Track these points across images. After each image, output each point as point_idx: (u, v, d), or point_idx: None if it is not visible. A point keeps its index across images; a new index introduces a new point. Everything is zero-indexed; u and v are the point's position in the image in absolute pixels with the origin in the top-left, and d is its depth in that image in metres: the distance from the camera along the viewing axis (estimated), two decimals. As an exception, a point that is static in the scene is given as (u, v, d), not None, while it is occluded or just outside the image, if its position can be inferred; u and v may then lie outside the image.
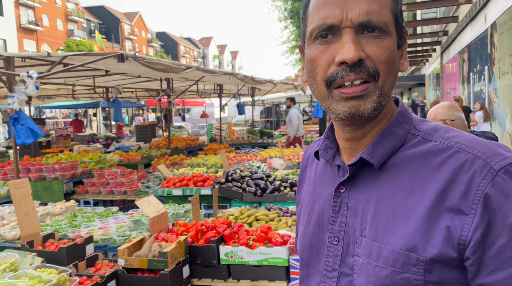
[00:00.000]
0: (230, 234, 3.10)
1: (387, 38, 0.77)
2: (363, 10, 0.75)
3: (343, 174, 0.86)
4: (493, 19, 8.76)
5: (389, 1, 0.78)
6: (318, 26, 0.77)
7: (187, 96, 13.29)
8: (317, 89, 0.80)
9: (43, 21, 43.02)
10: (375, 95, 0.76)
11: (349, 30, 0.75)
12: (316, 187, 0.94)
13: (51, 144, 10.51)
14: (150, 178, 6.13)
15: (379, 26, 0.75)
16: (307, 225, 0.93)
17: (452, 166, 0.73)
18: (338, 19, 0.75)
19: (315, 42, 0.79)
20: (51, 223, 3.95)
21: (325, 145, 0.91)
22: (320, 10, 0.78)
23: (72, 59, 5.18)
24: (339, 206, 0.85)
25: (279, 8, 17.40)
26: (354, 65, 0.74)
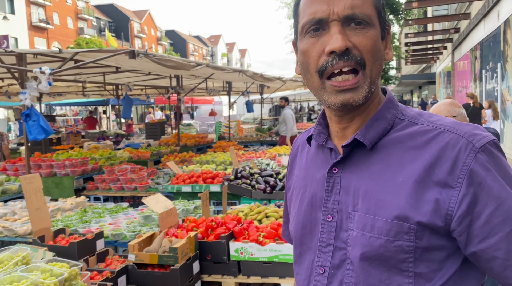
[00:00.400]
0: (240, 231, 3.09)
1: (371, 29, 0.84)
2: (347, 4, 0.82)
3: (335, 156, 0.93)
4: (506, 15, 8.62)
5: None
6: (308, 21, 0.85)
7: (196, 94, 13.31)
8: (311, 79, 0.88)
9: (54, 19, 43.40)
10: (366, 85, 0.84)
11: (336, 23, 0.82)
12: (308, 171, 1.00)
13: (62, 141, 10.60)
14: (160, 175, 6.15)
15: (363, 19, 0.83)
16: (300, 206, 0.99)
17: (438, 144, 0.81)
18: (325, 14, 0.83)
19: (306, 35, 0.86)
20: (62, 218, 3.97)
21: (318, 130, 0.97)
22: (310, 6, 0.85)
23: (83, 55, 5.21)
24: (332, 185, 0.91)
25: (288, 6, 17.30)
26: (342, 53, 0.82)
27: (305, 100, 27.38)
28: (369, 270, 0.83)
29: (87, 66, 6.31)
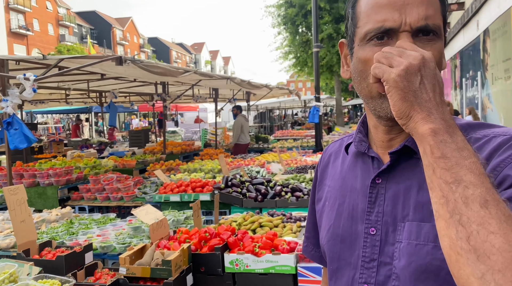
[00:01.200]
0: (234, 241, 3.02)
1: (438, 41, 0.79)
2: (421, 15, 0.76)
3: (378, 165, 0.88)
4: (485, 25, 8.84)
5: (439, 4, 0.80)
6: (375, 28, 0.78)
7: (181, 101, 13.19)
8: (367, 88, 0.82)
9: (34, 26, 42.70)
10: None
11: (407, 34, 0.76)
12: (345, 181, 0.95)
13: (43, 149, 10.34)
14: (147, 184, 6.02)
15: (434, 30, 0.78)
16: (338, 219, 0.93)
17: (490, 146, 0.76)
18: (397, 23, 0.77)
19: (370, 43, 0.80)
20: (47, 230, 3.83)
21: (359, 138, 0.93)
22: (377, 12, 0.79)
23: (68, 61, 5.08)
24: (376, 196, 0.86)
25: (272, 14, 17.39)
26: None
27: (290, 107, 27.51)
28: (417, 285, 0.77)
29: (71, 73, 6.16)
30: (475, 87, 10.15)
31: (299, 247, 2.88)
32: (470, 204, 0.60)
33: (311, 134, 12.49)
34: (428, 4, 0.77)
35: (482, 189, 0.61)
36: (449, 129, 0.67)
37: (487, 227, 0.57)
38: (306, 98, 21.47)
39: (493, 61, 8.22)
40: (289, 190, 4.57)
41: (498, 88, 7.81)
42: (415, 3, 0.77)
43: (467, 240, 0.58)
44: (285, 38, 17.70)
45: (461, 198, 0.61)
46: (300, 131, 14.76)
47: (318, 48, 9.41)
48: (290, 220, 3.61)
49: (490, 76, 8.53)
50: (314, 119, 9.45)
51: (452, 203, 0.62)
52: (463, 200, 0.61)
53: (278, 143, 11.33)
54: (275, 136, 13.95)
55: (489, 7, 8.30)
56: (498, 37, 7.70)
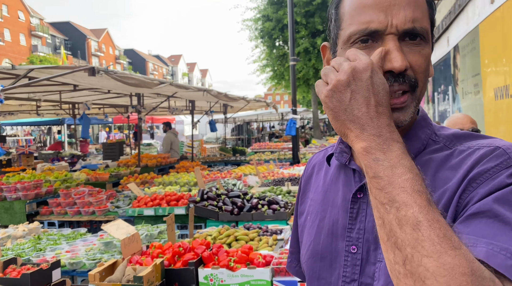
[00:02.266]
0: (209, 256, 2.94)
1: (426, 46, 0.76)
2: (409, 16, 0.72)
3: (359, 178, 0.83)
4: (455, 41, 9.16)
5: (427, 8, 0.77)
6: (360, 30, 0.74)
7: (157, 113, 13.05)
8: None
9: (5, 36, 41.68)
10: (413, 106, 0.76)
11: (393, 37, 0.73)
12: (327, 194, 0.91)
13: (12, 162, 9.97)
14: (120, 198, 5.87)
15: (421, 33, 0.74)
16: (318, 235, 0.88)
17: (473, 158, 0.72)
18: (382, 25, 0.73)
19: (354, 46, 0.76)
20: (13, 247, 3.65)
21: (340, 149, 0.88)
22: (361, 13, 0.74)
23: (39, 72, 4.94)
24: (357, 212, 0.82)
25: (250, 28, 17.54)
26: (399, 74, 0.72)
27: (267, 120, 27.62)
28: None
29: (42, 83, 5.99)
30: (446, 101, 10.45)
31: (275, 260, 2.84)
32: (404, 226, 0.57)
33: (288, 146, 12.53)
34: (415, 6, 0.73)
35: (415, 209, 0.58)
36: (382, 145, 0.64)
37: (420, 250, 0.55)
38: (283, 110, 21.63)
39: (463, 76, 8.49)
40: (265, 203, 4.53)
41: (468, 102, 8.05)
42: (402, 4, 0.72)
43: (403, 264, 0.56)
44: (262, 51, 17.86)
45: (395, 220, 0.58)
46: (277, 143, 14.80)
47: (294, 61, 9.51)
48: (267, 233, 3.56)
49: (460, 91, 8.80)
50: (291, 131, 9.49)
51: (388, 225, 0.59)
52: (396, 222, 0.58)
53: (255, 155, 11.31)
54: (252, 149, 13.93)
55: (458, 24, 8.62)
56: (467, 53, 7.98)
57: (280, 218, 4.27)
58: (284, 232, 3.61)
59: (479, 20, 5.89)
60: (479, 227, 0.62)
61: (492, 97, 5.32)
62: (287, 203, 4.59)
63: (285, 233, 3.60)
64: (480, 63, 6.37)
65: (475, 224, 0.63)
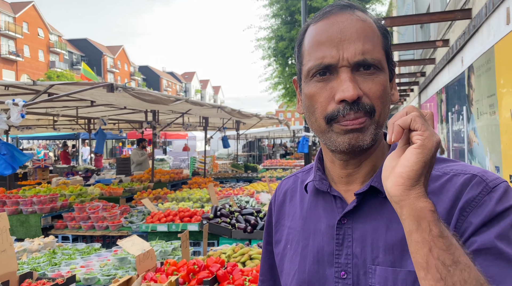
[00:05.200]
0: (224, 275, 2.93)
1: (380, 74, 0.81)
2: (358, 50, 0.78)
3: (341, 204, 0.86)
4: (470, 62, 9.12)
5: (381, 39, 0.83)
6: (316, 65, 0.80)
7: (171, 128, 13.18)
8: (316, 123, 0.83)
9: (24, 52, 42.79)
10: (372, 128, 0.80)
11: (346, 69, 0.78)
12: (306, 222, 0.92)
13: (28, 176, 10.12)
14: (133, 213, 5.89)
15: (373, 64, 0.79)
16: (302, 263, 0.88)
17: (453, 186, 0.77)
18: (335, 59, 0.79)
19: (313, 79, 0.82)
20: (28, 260, 3.68)
21: (319, 176, 0.91)
22: (317, 50, 0.81)
23: (58, 88, 5.05)
24: (343, 238, 0.83)
25: (263, 47, 17.73)
26: (353, 102, 0.77)
27: (278, 137, 27.65)
28: None
29: (61, 99, 6.13)
30: (460, 121, 10.36)
31: (290, 280, 2.81)
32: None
33: (300, 164, 12.50)
34: (365, 40, 0.79)
35: (476, 272, 0.62)
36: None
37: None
38: (295, 128, 21.64)
39: (478, 97, 8.42)
40: (279, 221, 4.51)
41: (483, 122, 7.96)
42: (352, 39, 0.78)
43: None
44: (275, 69, 17.99)
45: (460, 282, 0.61)
46: (289, 161, 14.78)
47: (307, 79, 9.57)
48: (281, 252, 3.53)
49: (475, 111, 8.72)
50: (304, 149, 9.48)
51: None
52: (461, 284, 0.61)
53: (267, 172, 11.30)
54: (264, 166, 13.93)
55: (472, 45, 8.60)
56: (482, 73, 7.93)
57: (294, 237, 4.24)
58: (298, 252, 3.57)
59: (494, 41, 5.88)
60: (485, 265, 0.67)
61: (508, 118, 5.26)
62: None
63: (299, 252, 3.56)
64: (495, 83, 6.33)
65: (481, 261, 0.68)
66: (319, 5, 15.19)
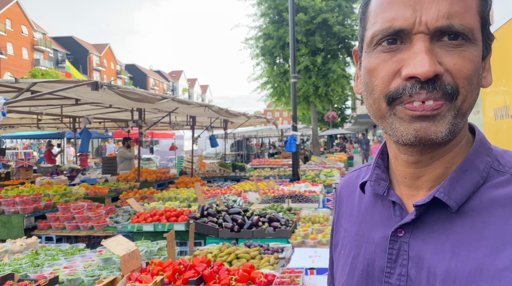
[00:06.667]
0: (210, 274, 2.90)
1: (471, 47, 0.62)
2: (443, 11, 0.59)
3: (400, 213, 0.70)
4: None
5: (476, 0, 0.63)
6: (382, 30, 0.63)
7: (157, 127, 13.08)
8: (374, 105, 0.66)
9: (7, 50, 42.03)
10: (450, 116, 0.61)
11: (423, 36, 0.60)
12: (361, 227, 0.78)
13: (11, 175, 9.92)
14: (119, 213, 5.82)
15: (463, 32, 0.60)
16: (351, 274, 0.76)
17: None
18: (409, 22, 0.60)
19: (377, 49, 0.64)
20: (10, 262, 3.59)
21: (376, 176, 0.74)
22: (386, 9, 0.63)
23: (41, 86, 4.96)
24: (397, 254, 0.68)
25: (251, 46, 17.73)
26: (428, 80, 0.59)
27: (266, 136, 27.68)
28: None
29: (44, 97, 6.01)
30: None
31: (277, 280, 2.80)
32: None
33: (288, 163, 12.52)
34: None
35: None
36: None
37: None
38: (283, 127, 21.69)
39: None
40: (266, 220, 4.50)
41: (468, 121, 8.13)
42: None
43: None
44: (263, 69, 18.00)
45: None
46: (277, 160, 14.78)
47: (295, 78, 9.58)
48: (268, 252, 3.53)
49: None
50: (291, 148, 9.48)
51: None
52: None
53: (255, 171, 11.29)
54: (252, 165, 13.92)
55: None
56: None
57: (281, 236, 4.23)
58: (285, 251, 3.57)
59: (478, 41, 5.99)
60: None
61: (492, 117, 5.35)
62: (288, 220, 4.55)
63: (286, 251, 3.56)
64: (480, 83, 6.44)
65: None
66: (307, 4, 15.25)
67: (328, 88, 16.47)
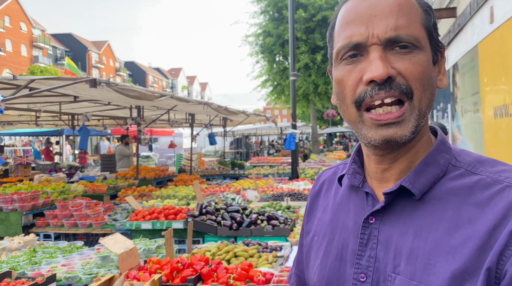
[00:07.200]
0: (208, 272, 2.89)
1: (419, 53, 0.72)
2: (390, 25, 0.71)
3: (372, 202, 0.80)
4: (454, 60, 9.23)
5: (420, 14, 0.75)
6: (344, 45, 0.74)
7: (156, 125, 13.07)
8: (347, 111, 0.77)
9: (6, 46, 41.92)
10: (413, 118, 0.72)
11: (377, 47, 0.71)
12: (336, 215, 0.87)
13: (9, 173, 9.90)
14: (117, 210, 5.80)
15: (409, 41, 0.71)
16: (325, 258, 0.85)
17: (503, 201, 0.67)
18: (363, 37, 0.72)
19: (342, 62, 0.76)
20: (7, 259, 3.58)
21: (353, 170, 0.85)
22: (345, 29, 0.75)
23: (40, 83, 4.93)
24: (368, 238, 0.78)
25: (251, 43, 17.67)
26: (384, 82, 0.70)
27: (266, 134, 27.66)
28: None
29: (43, 94, 5.99)
30: (445, 118, 10.49)
31: (275, 278, 2.79)
32: None
33: (287, 161, 12.51)
34: (399, 14, 0.72)
35: None
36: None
37: None
38: (282, 125, 21.67)
39: (462, 94, 8.53)
40: (265, 218, 4.49)
41: (467, 120, 8.07)
42: (384, 14, 0.72)
43: None
44: (263, 67, 17.94)
45: None
46: (276, 158, 14.77)
47: (295, 76, 9.56)
48: (266, 250, 3.52)
49: (459, 109, 8.83)
50: (291, 146, 9.48)
51: None
52: None
53: (254, 169, 11.28)
54: (251, 163, 13.90)
55: (457, 43, 8.71)
56: (467, 71, 8.04)
57: (280, 234, 4.23)
58: (284, 249, 3.56)
59: (478, 39, 5.95)
60: None
61: (491, 116, 5.33)
62: (286, 218, 4.54)
63: (285, 250, 3.55)
64: (479, 81, 6.41)
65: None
66: (307, 2, 15.21)
67: (328, 86, 16.44)
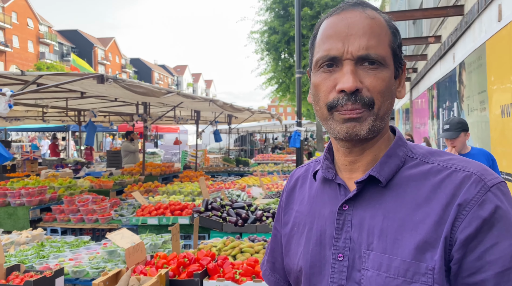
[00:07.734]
0: (214, 268, 2.92)
1: (384, 70, 0.86)
2: (362, 45, 0.84)
3: (344, 192, 0.92)
4: (461, 58, 9.17)
5: (388, 36, 0.88)
6: (322, 57, 0.87)
7: (162, 122, 13.10)
8: (320, 110, 0.90)
9: (13, 43, 42.13)
10: (370, 119, 0.85)
11: (349, 62, 0.84)
12: (312, 207, 0.98)
13: (16, 168, 9.98)
14: (124, 206, 5.84)
15: (377, 60, 0.85)
16: (307, 244, 0.96)
17: (452, 183, 0.82)
18: (340, 52, 0.85)
19: (320, 70, 0.89)
20: (16, 253, 3.63)
21: (326, 165, 0.97)
22: (325, 42, 0.88)
23: (47, 78, 4.97)
24: (343, 223, 0.89)
25: (256, 41, 17.63)
26: (352, 93, 0.83)
27: (270, 131, 27.66)
28: None
29: (50, 90, 6.03)
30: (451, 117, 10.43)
31: (281, 274, 2.80)
32: None
33: (291, 158, 12.52)
34: (371, 36, 0.85)
35: None
36: None
37: None
38: (286, 122, 21.65)
39: (469, 93, 8.48)
40: (270, 215, 4.51)
41: (473, 119, 8.03)
42: (358, 34, 0.85)
43: None
44: (268, 64, 17.91)
45: None
46: (280, 155, 14.78)
47: (300, 74, 9.54)
48: (271, 246, 3.53)
49: (466, 107, 8.78)
50: (296, 143, 9.46)
51: None
52: None
53: (258, 166, 11.29)
54: (255, 160, 13.92)
55: (464, 41, 8.64)
56: (474, 69, 7.98)
57: (285, 231, 4.24)
58: (289, 245, 3.57)
59: (486, 37, 5.91)
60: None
61: (498, 115, 5.30)
62: (291, 215, 4.56)
63: (290, 246, 3.56)
64: (486, 80, 6.37)
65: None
66: (312, -1, 15.15)
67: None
